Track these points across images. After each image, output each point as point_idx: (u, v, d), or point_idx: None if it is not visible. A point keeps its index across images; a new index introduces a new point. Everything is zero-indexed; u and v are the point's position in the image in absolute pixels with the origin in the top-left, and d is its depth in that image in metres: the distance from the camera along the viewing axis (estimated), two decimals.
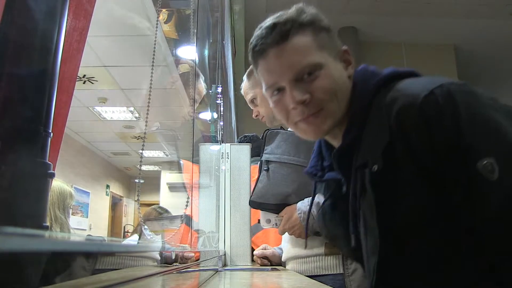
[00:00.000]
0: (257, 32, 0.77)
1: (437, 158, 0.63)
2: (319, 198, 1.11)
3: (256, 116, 1.57)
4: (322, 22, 0.77)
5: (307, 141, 0.85)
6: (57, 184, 1.70)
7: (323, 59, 0.74)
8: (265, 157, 1.39)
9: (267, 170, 1.37)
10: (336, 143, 0.81)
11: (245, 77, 1.57)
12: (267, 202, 1.35)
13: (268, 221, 1.36)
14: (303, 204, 1.28)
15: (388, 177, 0.67)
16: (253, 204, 1.39)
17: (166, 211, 2.17)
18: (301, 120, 0.76)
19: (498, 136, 0.60)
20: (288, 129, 1.42)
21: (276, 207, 1.35)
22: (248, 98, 1.56)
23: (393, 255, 0.68)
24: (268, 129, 1.44)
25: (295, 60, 0.73)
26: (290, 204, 1.32)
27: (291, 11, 0.77)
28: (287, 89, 0.74)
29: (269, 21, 0.77)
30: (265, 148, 1.41)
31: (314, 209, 1.14)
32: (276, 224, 1.35)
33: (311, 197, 1.00)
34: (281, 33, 0.73)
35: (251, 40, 0.78)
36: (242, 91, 1.62)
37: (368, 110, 0.73)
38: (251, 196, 1.40)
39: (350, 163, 0.75)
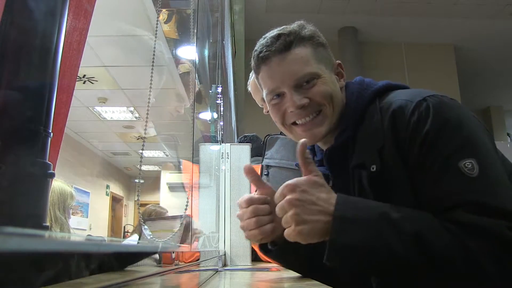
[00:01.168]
0: (262, 41, 0.84)
1: (420, 153, 0.68)
2: None
3: (267, 112, 1.56)
4: (320, 38, 0.85)
5: None
6: (58, 184, 1.70)
7: (320, 70, 0.81)
8: (265, 161, 1.42)
9: (267, 174, 1.39)
10: (327, 147, 0.86)
11: (253, 75, 1.54)
12: None
13: None
14: None
15: (384, 177, 0.71)
16: None
17: (163, 209, 2.18)
18: (298, 126, 0.82)
19: (479, 143, 0.67)
20: None
21: None
22: (260, 95, 1.53)
23: None
24: (268, 135, 1.46)
25: (296, 68, 0.79)
26: None
27: (293, 25, 0.84)
28: (287, 94, 0.80)
29: (273, 32, 0.83)
30: (266, 153, 1.44)
31: None
32: None
33: None
34: (285, 43, 0.80)
35: (255, 48, 0.84)
36: (250, 88, 1.56)
37: (363, 115, 0.80)
38: None
39: (340, 162, 0.81)
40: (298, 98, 0.79)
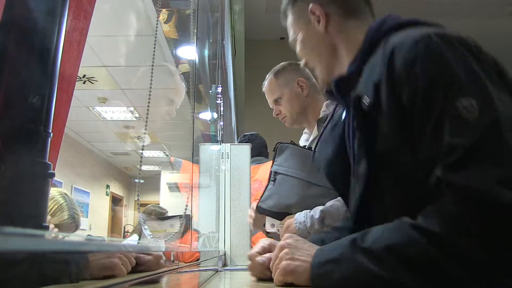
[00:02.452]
0: None
1: (415, 93, 0.64)
2: (314, 212, 1.30)
3: (276, 115, 1.62)
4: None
5: (312, 159, 1.00)
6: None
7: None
8: (274, 168, 1.49)
9: (274, 180, 1.45)
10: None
11: (271, 75, 1.59)
12: (270, 210, 1.45)
13: (272, 225, 1.46)
14: (300, 216, 1.35)
15: (376, 113, 0.70)
16: (260, 209, 1.48)
17: (163, 209, 2.18)
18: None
19: (484, 84, 0.62)
20: (298, 144, 1.55)
21: (278, 215, 1.44)
22: (274, 96, 1.58)
23: (375, 187, 0.72)
24: (279, 142, 1.52)
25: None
26: (293, 213, 1.39)
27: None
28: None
29: None
30: (276, 159, 1.50)
31: (308, 221, 1.29)
32: (278, 230, 1.44)
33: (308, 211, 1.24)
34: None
35: None
36: (265, 89, 1.62)
37: (373, 49, 0.77)
38: (258, 201, 1.48)
39: (348, 93, 0.81)
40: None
